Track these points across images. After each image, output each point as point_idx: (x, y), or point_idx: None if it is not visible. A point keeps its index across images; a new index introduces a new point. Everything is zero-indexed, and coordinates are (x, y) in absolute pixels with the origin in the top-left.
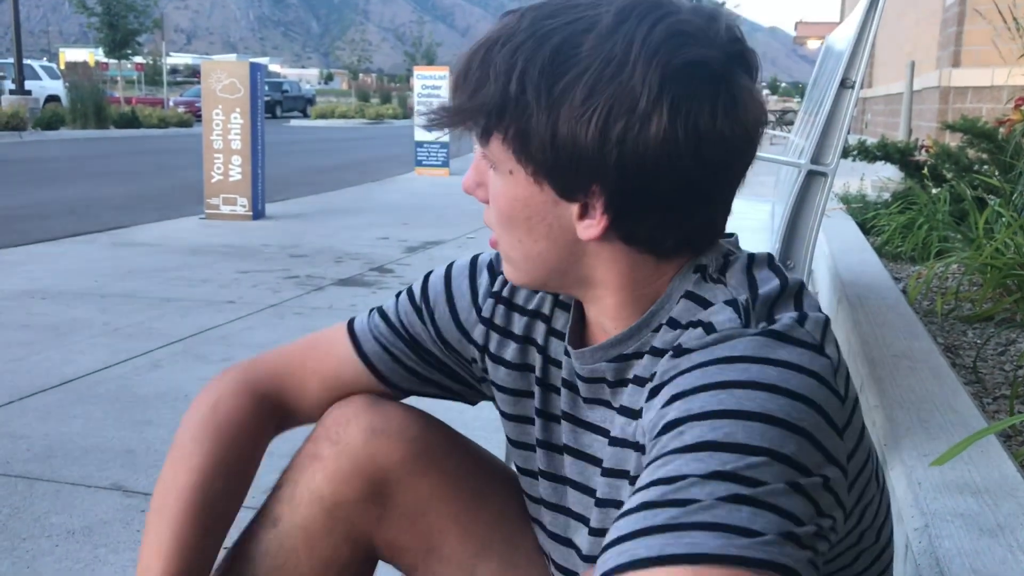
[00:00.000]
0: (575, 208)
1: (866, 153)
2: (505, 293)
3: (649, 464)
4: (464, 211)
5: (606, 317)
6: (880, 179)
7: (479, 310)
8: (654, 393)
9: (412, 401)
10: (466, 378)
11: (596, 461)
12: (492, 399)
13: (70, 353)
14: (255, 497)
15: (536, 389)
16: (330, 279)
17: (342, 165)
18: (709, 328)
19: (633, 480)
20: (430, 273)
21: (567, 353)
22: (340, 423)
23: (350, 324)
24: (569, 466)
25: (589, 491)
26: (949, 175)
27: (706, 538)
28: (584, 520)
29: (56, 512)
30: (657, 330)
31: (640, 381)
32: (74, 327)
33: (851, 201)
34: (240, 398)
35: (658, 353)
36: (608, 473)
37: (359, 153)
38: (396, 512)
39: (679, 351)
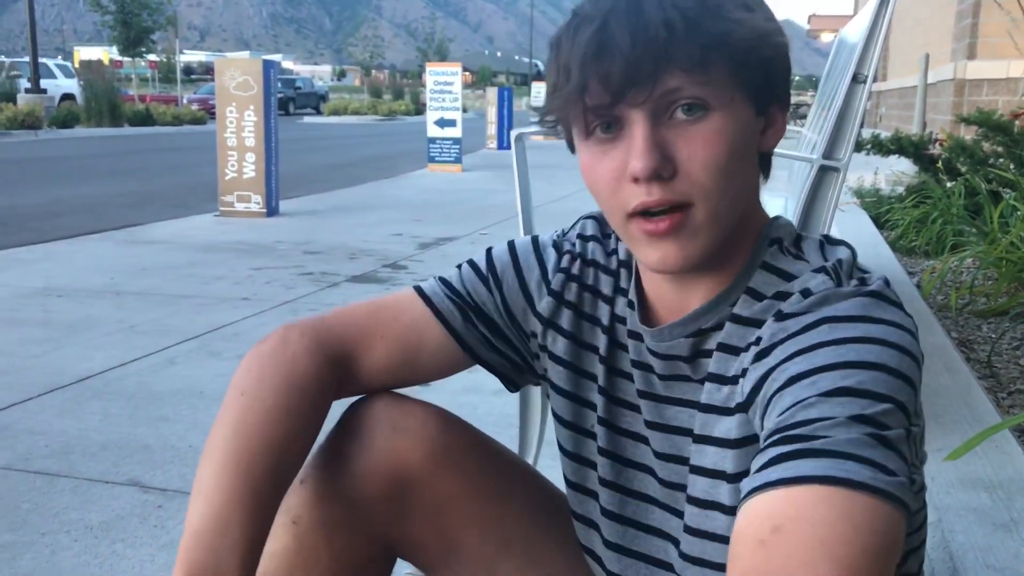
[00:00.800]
0: (761, 122)
1: (880, 147)
2: (575, 271)
3: (786, 410)
4: (477, 207)
5: (697, 288)
6: (894, 173)
7: (548, 283)
8: (763, 355)
9: (432, 399)
10: (523, 352)
11: (687, 432)
12: (539, 381)
13: (87, 350)
14: None
15: (600, 370)
16: (344, 276)
17: (355, 162)
18: (806, 293)
19: (719, 442)
20: (491, 248)
21: (632, 336)
22: (361, 420)
23: (418, 289)
24: (657, 443)
25: (683, 460)
26: (964, 169)
27: (860, 469)
28: (679, 487)
29: (75, 507)
30: (734, 304)
31: (728, 348)
32: (90, 324)
33: (865, 195)
34: (314, 356)
35: (742, 322)
36: (698, 439)
37: (372, 149)
38: (416, 510)
39: (782, 316)
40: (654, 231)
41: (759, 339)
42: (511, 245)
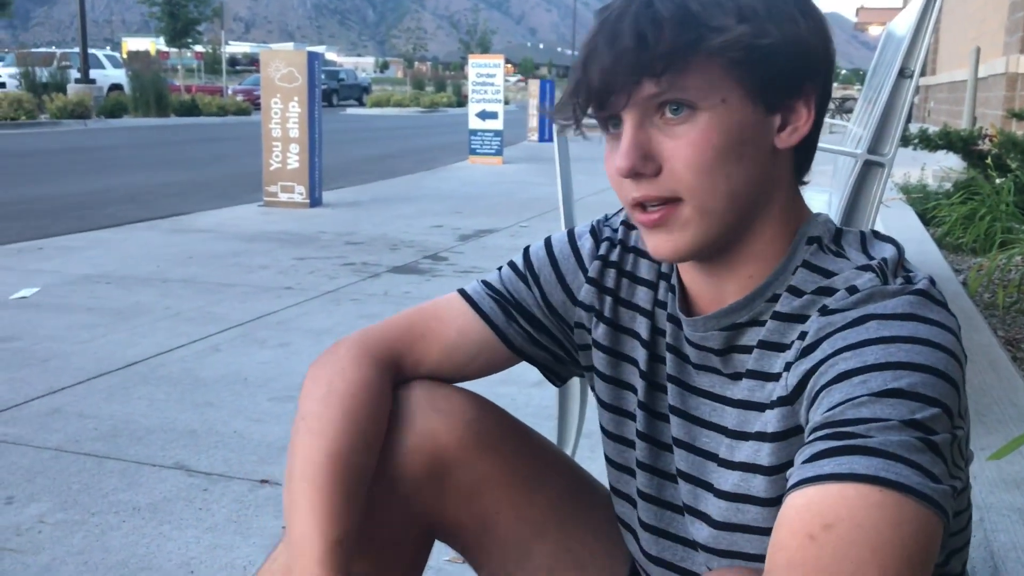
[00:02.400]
0: (776, 120)
1: (928, 142)
2: (613, 258)
3: (836, 406)
4: (517, 200)
5: (731, 282)
6: (942, 169)
7: (585, 271)
8: (809, 349)
9: (471, 387)
10: (566, 345)
11: (706, 424)
12: (584, 373)
13: (133, 336)
14: None
15: (642, 354)
16: (385, 266)
17: (397, 153)
18: (852, 290)
19: (756, 436)
20: (529, 246)
21: (670, 320)
22: (401, 403)
23: (461, 291)
24: (675, 428)
25: (702, 453)
26: (1014, 165)
27: (911, 473)
28: (700, 483)
29: (123, 489)
30: (773, 300)
31: (770, 346)
32: (137, 311)
33: (911, 191)
34: (362, 364)
35: (784, 318)
36: (733, 435)
37: (414, 141)
38: (453, 491)
39: (828, 311)
40: (646, 222)
41: (803, 334)
42: (547, 241)
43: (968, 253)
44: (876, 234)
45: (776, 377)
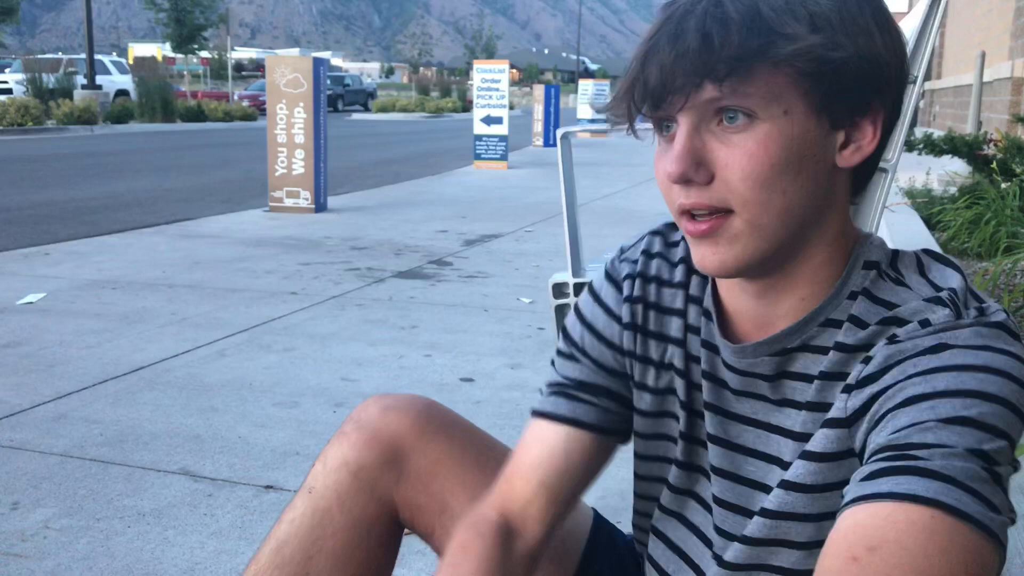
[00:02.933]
0: (839, 137)
1: (932, 146)
2: (637, 293)
3: (902, 429)
4: (522, 205)
5: (781, 305)
6: (947, 173)
7: (619, 319)
8: (877, 376)
9: (477, 395)
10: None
11: (751, 452)
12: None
13: (139, 341)
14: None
15: (679, 384)
16: (390, 271)
17: (402, 158)
18: (925, 323)
19: (810, 456)
20: (564, 323)
21: (705, 346)
22: (359, 409)
23: (532, 412)
24: (715, 457)
25: (747, 482)
26: (1019, 169)
27: (970, 501)
28: (743, 511)
29: (128, 495)
30: (828, 324)
31: (832, 376)
32: (143, 316)
33: (916, 196)
34: (491, 549)
35: (849, 350)
36: (813, 457)
37: (419, 146)
38: (411, 474)
39: (897, 340)
40: (693, 232)
41: (868, 359)
42: (576, 308)
43: (973, 258)
44: (933, 256)
45: (828, 407)
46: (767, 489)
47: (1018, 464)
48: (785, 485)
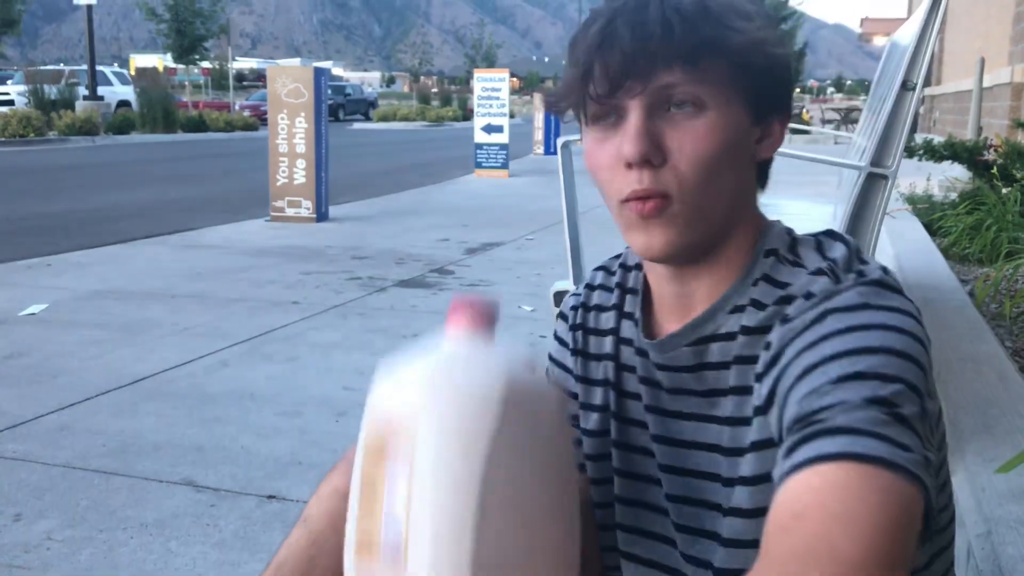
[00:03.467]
0: (757, 132)
1: (933, 152)
2: (579, 320)
3: (802, 400)
4: (523, 213)
5: (699, 291)
6: (947, 179)
7: (568, 347)
8: (776, 359)
9: None
10: None
11: (696, 445)
12: None
13: (142, 352)
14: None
15: (611, 396)
16: (392, 280)
17: (403, 167)
18: (809, 296)
19: (740, 452)
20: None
21: (639, 353)
22: (349, 450)
23: None
24: (662, 457)
25: (699, 474)
26: (1019, 175)
27: (877, 444)
28: (702, 503)
29: (130, 506)
30: (735, 311)
31: (745, 360)
32: (145, 327)
33: (917, 201)
34: None
35: (753, 332)
36: (729, 452)
37: (420, 155)
38: None
39: (788, 319)
40: (641, 210)
41: (768, 344)
42: (549, 354)
43: (975, 263)
44: (832, 234)
45: (750, 390)
46: (715, 478)
47: (933, 400)
48: (741, 482)
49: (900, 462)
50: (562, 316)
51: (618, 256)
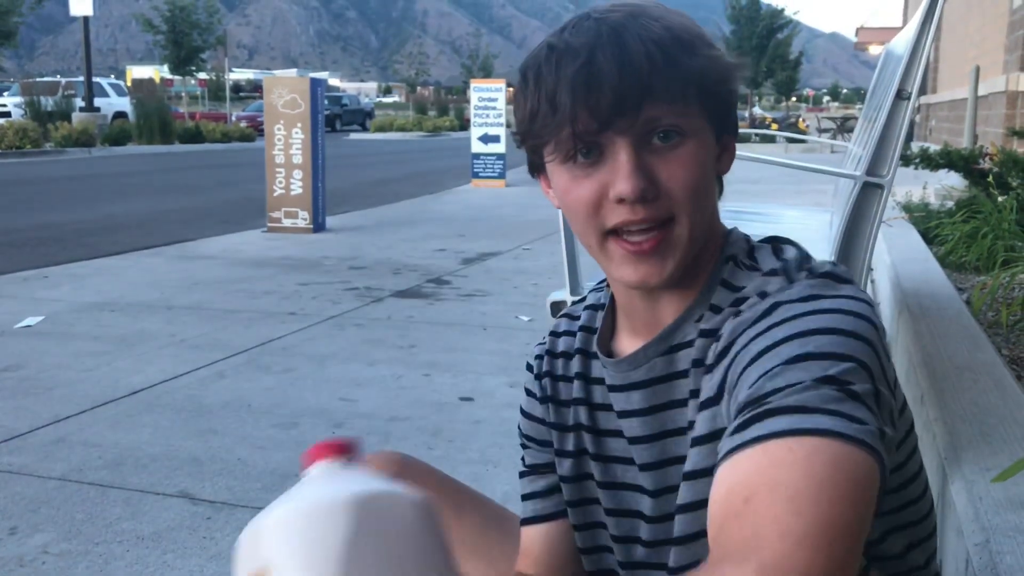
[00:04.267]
0: (718, 149)
1: (929, 161)
2: (545, 368)
3: (754, 383)
4: (520, 222)
5: (671, 305)
6: (943, 187)
7: (536, 396)
8: (726, 350)
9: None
10: None
11: (678, 460)
12: None
13: (138, 364)
14: None
15: (587, 437)
16: (388, 291)
17: (400, 177)
18: (763, 295)
19: (695, 441)
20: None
21: (612, 389)
22: None
23: (520, 521)
24: (648, 481)
25: (674, 489)
26: (1015, 183)
27: (825, 419)
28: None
29: (126, 518)
30: (699, 320)
31: (700, 363)
32: (142, 338)
33: (913, 210)
34: None
35: (707, 335)
36: (700, 441)
37: (417, 165)
38: None
39: (739, 313)
40: (637, 251)
41: (719, 336)
42: (520, 410)
43: (971, 272)
44: (785, 240)
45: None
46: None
47: (891, 390)
48: (687, 476)
49: (851, 432)
50: (528, 367)
51: (582, 299)
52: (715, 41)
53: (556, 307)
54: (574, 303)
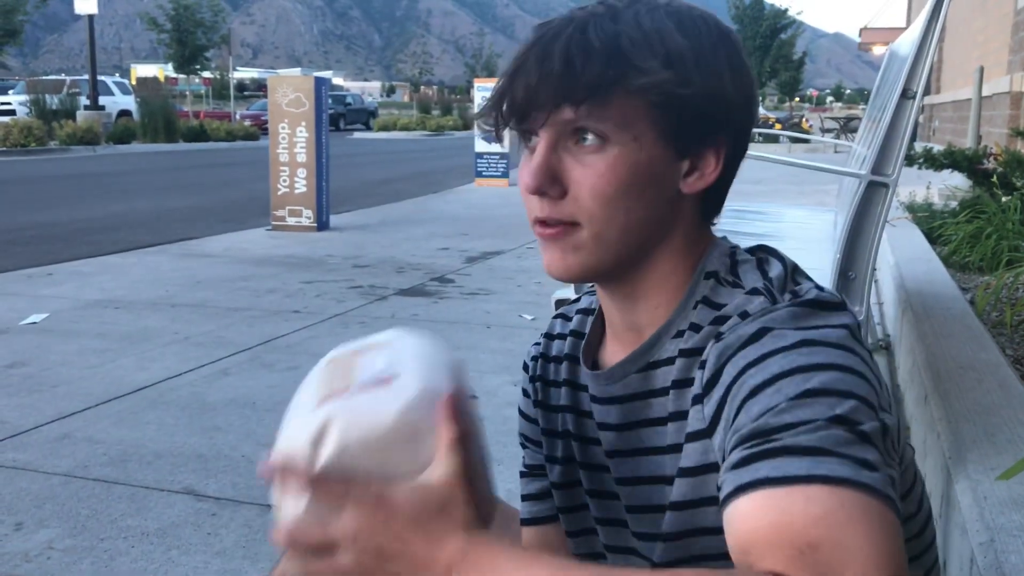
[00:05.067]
0: (684, 165)
1: (932, 161)
2: (538, 372)
3: (759, 417)
4: (523, 221)
5: (643, 314)
6: (947, 187)
7: (531, 397)
8: (713, 380)
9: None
10: None
11: (649, 480)
12: None
13: (143, 361)
14: None
15: (575, 445)
16: (392, 289)
17: (404, 177)
18: (744, 315)
19: (682, 472)
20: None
21: (594, 400)
22: None
23: (519, 521)
24: (628, 499)
25: (657, 508)
26: (1019, 183)
27: (837, 464)
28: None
29: (131, 514)
30: (677, 336)
31: (681, 384)
32: (146, 336)
33: (917, 210)
34: None
35: (688, 354)
36: (690, 473)
37: (420, 165)
38: None
39: (721, 336)
40: (541, 234)
41: (703, 363)
42: (518, 410)
43: (975, 272)
44: (769, 251)
45: (686, 415)
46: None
47: (887, 420)
48: (674, 507)
49: (864, 481)
50: (524, 367)
51: (577, 300)
52: (686, 54)
53: (560, 305)
54: (570, 303)
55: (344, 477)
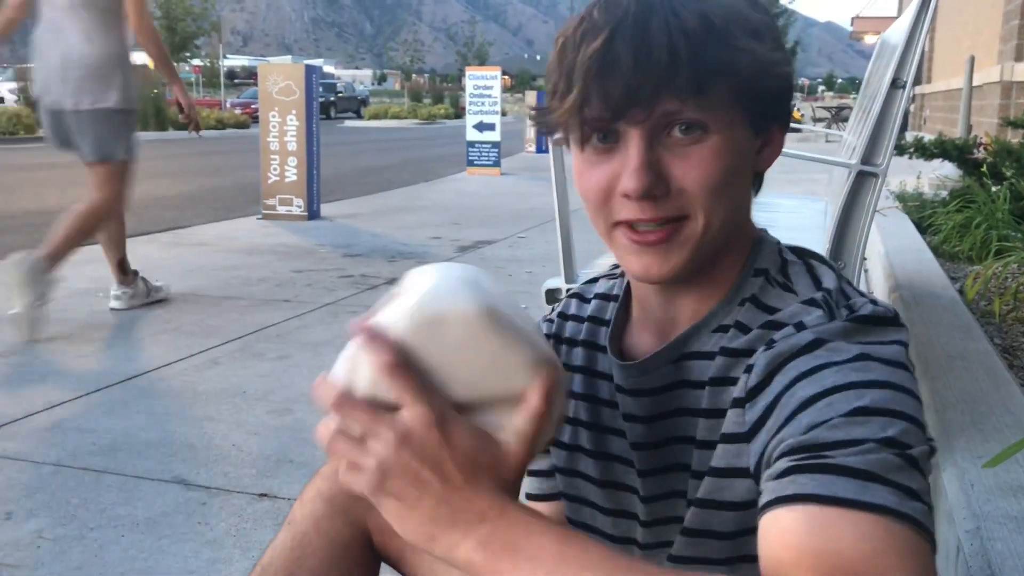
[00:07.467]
0: (759, 143)
1: (923, 150)
2: (562, 359)
3: (809, 430)
4: (515, 211)
5: (686, 306)
6: (937, 177)
7: None
8: (762, 386)
9: None
10: None
11: (675, 468)
12: None
13: (133, 350)
14: None
15: (584, 434)
16: (383, 278)
17: (395, 165)
18: (800, 327)
19: (713, 472)
20: None
21: (619, 391)
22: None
23: (525, 495)
24: (647, 488)
25: (674, 493)
26: (1009, 173)
27: (888, 494)
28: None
29: (121, 504)
30: (718, 331)
31: (720, 382)
32: (136, 324)
33: (907, 199)
34: None
35: (733, 354)
36: (718, 473)
37: (412, 153)
38: None
39: (772, 344)
40: (642, 242)
41: (750, 367)
42: None
43: (965, 261)
44: (819, 258)
45: (722, 413)
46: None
47: (933, 445)
48: (697, 503)
49: (908, 512)
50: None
51: (595, 280)
52: (768, 28)
53: (551, 295)
54: (586, 283)
55: (419, 373)
